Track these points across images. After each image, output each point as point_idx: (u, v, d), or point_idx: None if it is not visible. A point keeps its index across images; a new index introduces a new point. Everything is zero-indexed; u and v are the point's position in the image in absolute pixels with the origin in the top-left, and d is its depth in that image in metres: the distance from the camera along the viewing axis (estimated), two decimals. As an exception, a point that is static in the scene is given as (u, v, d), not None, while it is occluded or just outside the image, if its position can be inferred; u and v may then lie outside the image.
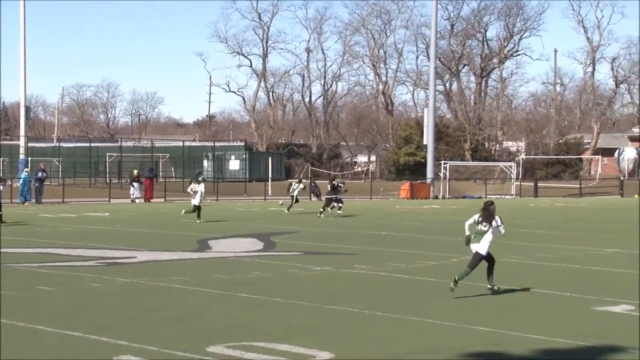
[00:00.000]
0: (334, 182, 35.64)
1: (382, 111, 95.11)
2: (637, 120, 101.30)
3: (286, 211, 34.64)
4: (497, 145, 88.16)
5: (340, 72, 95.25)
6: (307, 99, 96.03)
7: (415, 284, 15.24)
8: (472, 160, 74.50)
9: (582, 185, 60.78)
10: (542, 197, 56.35)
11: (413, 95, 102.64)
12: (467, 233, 13.77)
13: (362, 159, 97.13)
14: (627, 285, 15.16)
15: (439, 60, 79.40)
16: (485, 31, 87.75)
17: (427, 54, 79.85)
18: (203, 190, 30.50)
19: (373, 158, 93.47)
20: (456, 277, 13.30)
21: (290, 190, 35.58)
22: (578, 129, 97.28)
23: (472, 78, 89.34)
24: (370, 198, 52.36)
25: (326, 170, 76.50)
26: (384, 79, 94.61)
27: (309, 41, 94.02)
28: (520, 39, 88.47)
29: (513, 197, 58.22)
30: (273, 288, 14.44)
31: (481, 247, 13.51)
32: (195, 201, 29.75)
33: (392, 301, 13.27)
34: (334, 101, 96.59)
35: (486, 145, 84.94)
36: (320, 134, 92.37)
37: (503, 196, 58.21)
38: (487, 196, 56.73)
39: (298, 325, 11.22)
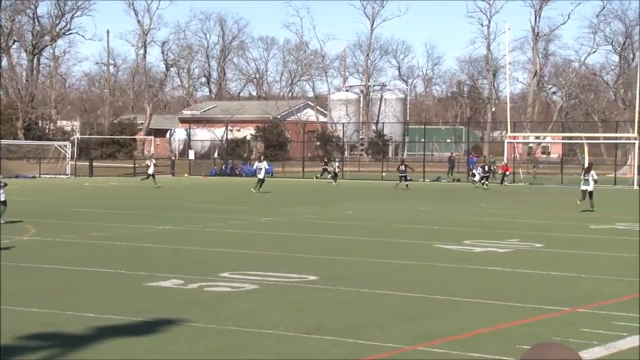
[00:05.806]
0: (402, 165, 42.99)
1: None
2: (185, 103, 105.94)
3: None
4: (52, 125, 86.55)
5: None
6: None
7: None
8: (26, 139, 72.22)
9: (137, 165, 62.01)
10: (97, 177, 56.44)
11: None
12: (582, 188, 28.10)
13: None
14: (176, 261, 15.81)
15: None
16: (36, 7, 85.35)
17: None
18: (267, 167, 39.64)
19: None
20: (593, 209, 27.27)
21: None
22: (132, 110, 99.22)
23: (24, 55, 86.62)
24: None
25: None
26: None
27: None
28: (72, 17, 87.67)
29: (68, 176, 57.64)
30: None
31: (589, 187, 27.54)
32: (260, 175, 38.19)
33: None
34: None
35: (40, 124, 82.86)
36: None
37: (58, 176, 57.33)
38: (42, 175, 55.48)
39: None
